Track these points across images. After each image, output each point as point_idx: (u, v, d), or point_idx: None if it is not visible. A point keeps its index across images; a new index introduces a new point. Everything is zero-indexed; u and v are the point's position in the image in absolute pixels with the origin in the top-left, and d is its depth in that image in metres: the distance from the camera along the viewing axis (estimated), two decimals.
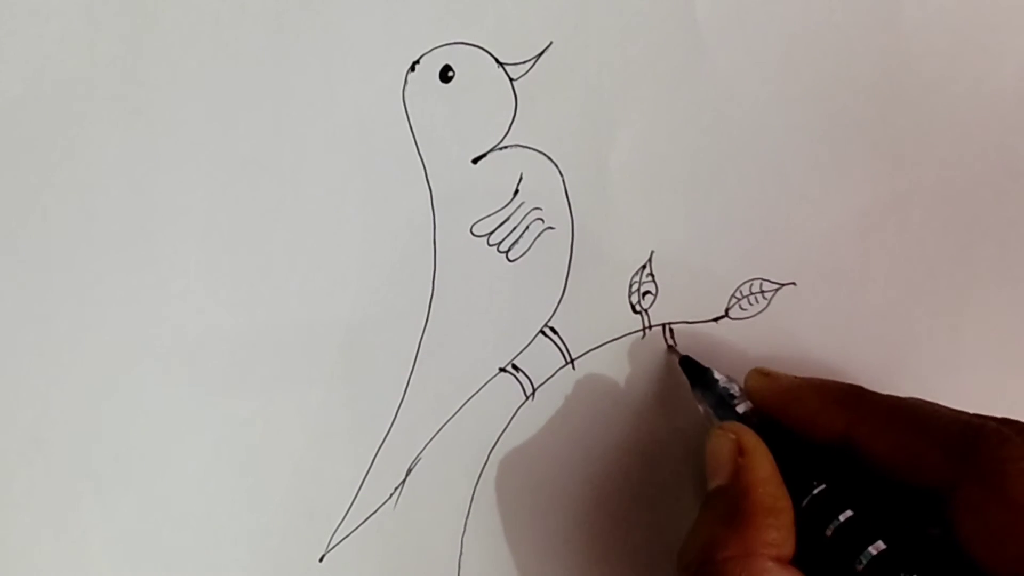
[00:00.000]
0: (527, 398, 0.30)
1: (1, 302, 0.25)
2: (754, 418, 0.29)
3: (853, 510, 0.26)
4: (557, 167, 0.29)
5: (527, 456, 0.31)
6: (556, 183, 0.29)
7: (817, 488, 0.26)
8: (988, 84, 0.32)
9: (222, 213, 0.26)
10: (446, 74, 0.27)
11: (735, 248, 0.31)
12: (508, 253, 0.29)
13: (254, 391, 0.27)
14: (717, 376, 0.30)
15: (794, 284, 0.32)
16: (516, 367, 0.30)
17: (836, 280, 0.33)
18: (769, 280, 0.32)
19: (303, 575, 0.29)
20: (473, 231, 0.28)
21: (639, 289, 0.31)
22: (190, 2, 0.24)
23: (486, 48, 0.27)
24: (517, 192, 0.28)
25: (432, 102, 0.27)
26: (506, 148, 0.28)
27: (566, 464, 0.31)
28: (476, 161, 0.28)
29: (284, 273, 0.27)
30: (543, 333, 0.30)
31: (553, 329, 0.30)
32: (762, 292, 0.32)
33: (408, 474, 0.29)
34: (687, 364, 0.30)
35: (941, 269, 0.34)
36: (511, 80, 0.27)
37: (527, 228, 0.29)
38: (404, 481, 0.29)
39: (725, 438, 0.27)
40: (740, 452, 0.27)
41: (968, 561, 0.25)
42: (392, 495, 0.29)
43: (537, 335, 0.30)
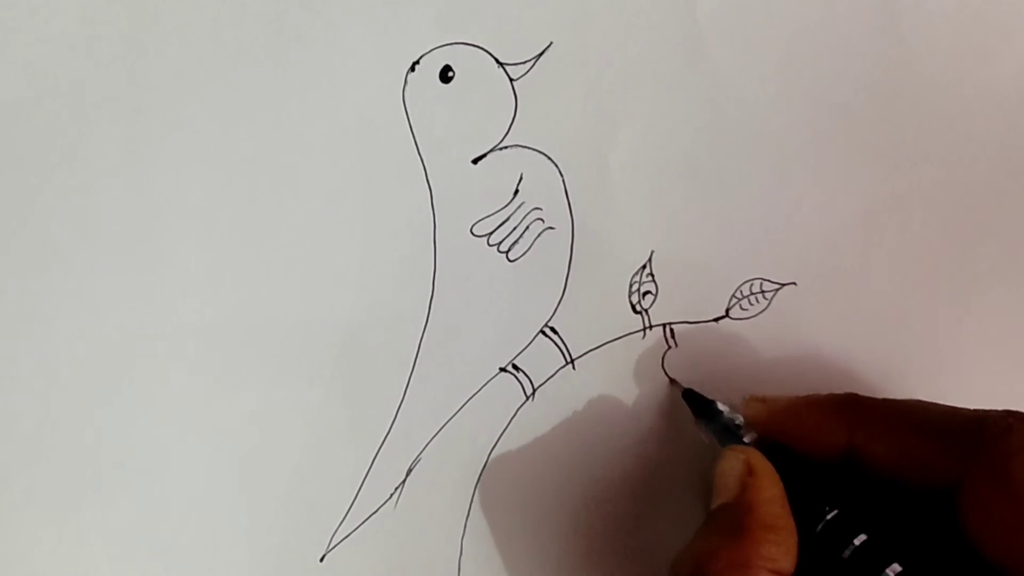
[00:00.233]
0: (527, 398, 0.30)
1: (1, 302, 0.25)
2: (760, 447, 0.28)
3: (867, 533, 0.25)
4: (557, 167, 0.29)
5: (527, 456, 0.31)
6: (556, 183, 0.29)
7: (830, 514, 0.26)
8: (988, 84, 0.32)
9: (222, 213, 0.26)
10: (446, 74, 0.27)
11: (735, 248, 0.31)
12: (508, 253, 0.29)
13: (254, 391, 0.27)
14: (721, 407, 0.30)
15: (794, 284, 0.32)
16: (516, 367, 0.30)
17: (836, 280, 0.33)
18: (769, 280, 0.32)
19: (303, 575, 0.29)
20: (473, 231, 0.28)
21: (639, 289, 0.31)
22: (190, 2, 0.24)
23: (486, 48, 0.27)
24: (517, 192, 0.28)
25: (432, 102, 0.27)
26: (506, 148, 0.28)
27: (566, 464, 0.31)
28: (476, 161, 0.28)
29: (284, 273, 0.27)
30: (543, 333, 0.30)
31: (553, 329, 0.30)
32: (763, 292, 0.32)
33: (408, 474, 0.29)
34: (691, 397, 0.30)
35: (942, 269, 0.34)
36: (511, 80, 0.27)
37: (527, 228, 0.29)
38: (404, 481, 0.29)
39: (736, 459, 0.27)
40: (749, 472, 0.26)
41: (980, 561, 0.25)
42: (392, 495, 0.29)
43: (537, 335, 0.30)
